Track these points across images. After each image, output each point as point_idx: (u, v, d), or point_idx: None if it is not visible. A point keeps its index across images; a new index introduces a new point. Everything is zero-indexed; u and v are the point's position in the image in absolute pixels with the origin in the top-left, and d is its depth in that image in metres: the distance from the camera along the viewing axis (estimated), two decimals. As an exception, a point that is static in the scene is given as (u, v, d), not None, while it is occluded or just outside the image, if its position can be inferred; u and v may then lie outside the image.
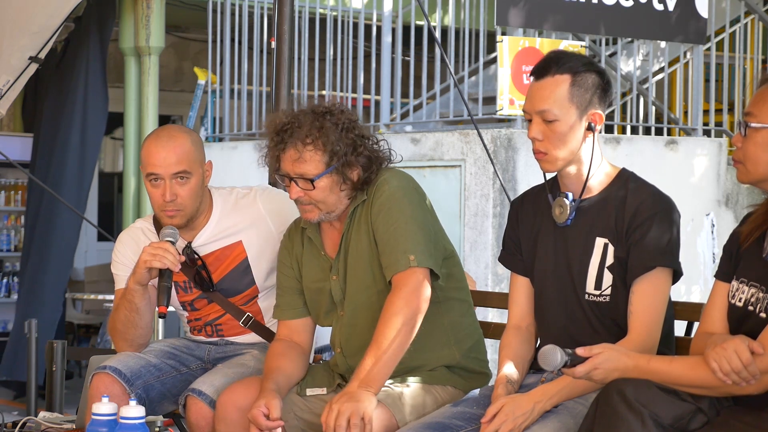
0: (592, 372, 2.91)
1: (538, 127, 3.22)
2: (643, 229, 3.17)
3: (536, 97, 3.22)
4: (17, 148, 9.78)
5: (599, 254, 3.24)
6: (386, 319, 3.38)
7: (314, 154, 3.49)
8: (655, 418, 2.81)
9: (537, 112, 3.22)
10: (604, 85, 3.25)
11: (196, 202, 3.90)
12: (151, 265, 3.72)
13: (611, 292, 3.23)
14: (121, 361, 3.86)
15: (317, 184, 3.50)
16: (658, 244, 3.16)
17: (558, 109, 3.20)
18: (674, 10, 7.28)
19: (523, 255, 3.43)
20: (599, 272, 3.24)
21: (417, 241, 3.45)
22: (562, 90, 3.20)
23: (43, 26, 6.07)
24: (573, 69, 3.21)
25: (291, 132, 3.51)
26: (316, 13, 8.50)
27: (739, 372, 2.79)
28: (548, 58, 3.25)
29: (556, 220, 3.31)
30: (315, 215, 3.56)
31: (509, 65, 6.75)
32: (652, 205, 3.20)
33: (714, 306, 3.06)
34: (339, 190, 3.54)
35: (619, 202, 3.23)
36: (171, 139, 3.86)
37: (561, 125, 3.20)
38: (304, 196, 3.53)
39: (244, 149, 8.49)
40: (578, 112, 3.21)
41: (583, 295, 3.26)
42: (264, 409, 3.41)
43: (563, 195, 3.29)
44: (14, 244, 10.56)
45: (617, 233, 3.22)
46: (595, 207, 3.27)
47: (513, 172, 6.82)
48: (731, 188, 7.78)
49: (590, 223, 3.27)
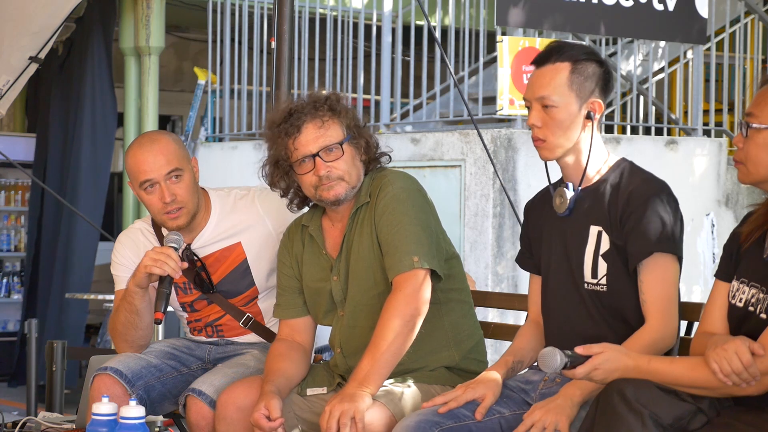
0: (593, 373, 2.91)
1: (537, 114, 3.24)
2: (638, 214, 3.16)
3: (536, 84, 3.24)
4: (17, 148, 9.79)
5: (593, 242, 3.25)
6: (385, 320, 3.38)
7: (333, 122, 3.55)
8: (655, 418, 2.81)
9: (536, 98, 3.23)
10: (604, 75, 3.27)
11: (195, 198, 3.89)
12: (151, 270, 3.71)
13: (607, 281, 3.23)
14: (122, 362, 3.86)
15: (345, 149, 3.54)
16: (655, 229, 3.16)
17: (557, 96, 3.21)
18: (674, 10, 7.28)
19: (533, 253, 3.46)
20: (594, 260, 3.24)
21: (421, 243, 3.46)
22: (561, 77, 3.21)
23: (44, 26, 6.06)
24: (573, 57, 3.23)
25: (303, 112, 3.55)
26: (316, 13, 8.50)
27: (740, 373, 2.79)
28: (550, 47, 3.28)
29: (557, 211, 3.33)
30: (342, 189, 3.55)
31: (509, 65, 6.75)
32: (646, 189, 3.20)
33: (714, 305, 3.06)
34: (359, 161, 3.59)
35: (613, 189, 3.24)
36: (154, 142, 3.86)
37: (560, 112, 3.21)
38: (333, 170, 3.53)
39: (244, 149, 8.49)
40: (578, 100, 3.22)
41: (582, 284, 3.27)
42: (264, 411, 3.41)
43: (564, 185, 3.31)
44: (14, 244, 10.56)
45: (611, 220, 3.21)
46: (591, 195, 3.28)
47: (513, 172, 6.82)
48: (731, 188, 7.78)
49: (586, 211, 3.28)
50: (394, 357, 3.37)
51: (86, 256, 9.14)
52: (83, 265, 9.12)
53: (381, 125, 7.96)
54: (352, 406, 3.26)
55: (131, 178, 3.87)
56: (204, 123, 9.10)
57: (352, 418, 3.25)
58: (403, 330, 3.37)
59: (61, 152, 9.32)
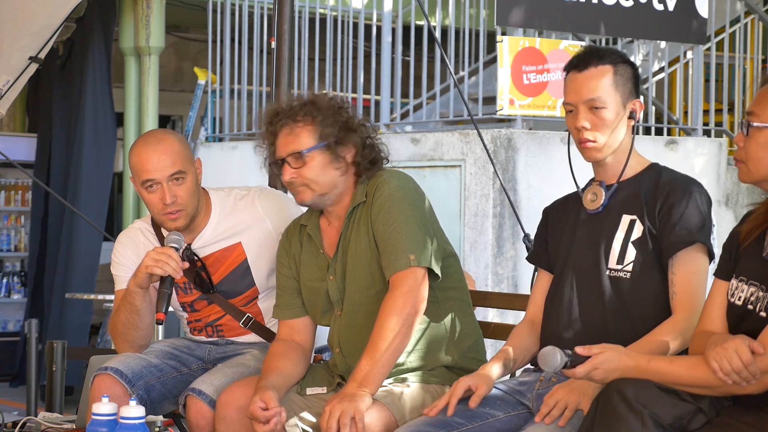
0: (592, 372, 2.91)
1: (586, 116, 3.31)
2: (680, 206, 3.24)
3: (583, 87, 3.32)
4: (18, 148, 9.79)
5: (624, 230, 3.30)
6: (383, 319, 3.39)
7: (304, 128, 3.55)
8: (655, 418, 2.81)
9: (585, 101, 3.31)
10: (636, 77, 3.39)
11: (195, 200, 3.89)
12: (152, 271, 3.71)
13: (633, 268, 3.27)
14: (123, 362, 3.86)
15: (308, 159, 3.53)
16: (695, 222, 3.24)
17: (606, 97, 3.31)
18: (674, 10, 7.27)
19: (549, 250, 3.49)
20: (623, 247, 3.29)
21: (417, 241, 3.46)
22: (607, 79, 3.32)
23: (44, 26, 6.06)
24: (613, 60, 3.34)
25: (283, 115, 3.58)
26: (316, 13, 8.50)
27: (740, 372, 2.79)
28: (587, 52, 3.37)
29: (588, 207, 3.38)
30: (307, 196, 3.57)
31: (509, 65, 6.75)
32: (686, 183, 3.29)
33: (713, 304, 3.06)
34: (333, 168, 3.55)
35: (650, 182, 3.32)
36: (160, 142, 3.85)
37: (608, 113, 3.31)
38: (297, 177, 3.54)
39: (244, 149, 8.49)
40: (622, 101, 3.33)
41: (604, 270, 3.30)
42: (261, 403, 3.40)
43: (598, 182, 3.38)
44: (14, 244, 10.56)
45: (647, 210, 3.28)
46: (625, 190, 3.35)
47: (513, 172, 6.82)
48: (731, 188, 7.78)
49: (618, 203, 3.34)
50: (392, 356, 3.38)
51: (90, 256, 9.13)
52: (87, 266, 9.12)
53: (381, 125, 7.96)
54: (352, 405, 3.26)
55: (134, 175, 3.87)
56: (204, 123, 9.10)
57: (352, 418, 3.26)
58: (401, 328, 3.37)
59: (64, 153, 9.34)
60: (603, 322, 3.26)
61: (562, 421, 3.09)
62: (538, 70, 6.82)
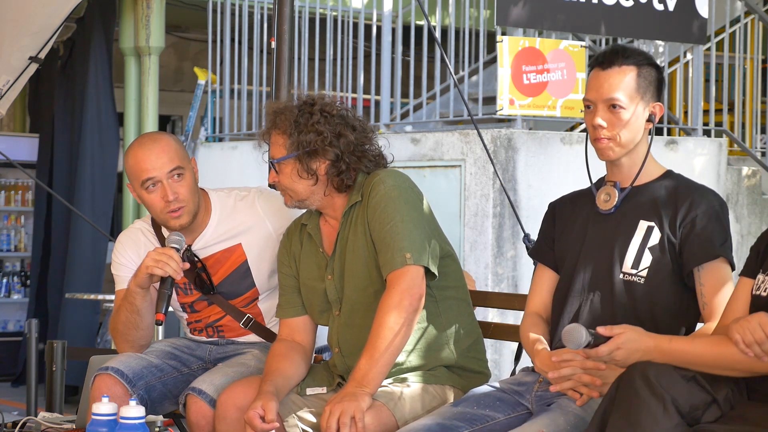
0: (615, 352, 2.91)
1: (604, 114, 3.31)
2: (704, 219, 3.24)
3: (604, 85, 3.31)
4: (18, 148, 9.79)
5: (642, 235, 3.30)
6: (381, 318, 3.39)
7: (279, 138, 3.62)
8: (675, 404, 2.80)
9: (604, 99, 3.30)
10: (660, 81, 3.37)
11: (196, 198, 3.90)
12: (152, 271, 3.72)
13: (647, 274, 3.27)
14: (123, 362, 3.86)
15: (279, 168, 3.60)
16: (720, 236, 3.24)
17: (626, 98, 3.29)
18: (674, 10, 7.27)
19: (555, 249, 3.48)
20: (639, 252, 3.29)
21: (413, 240, 3.46)
22: (629, 79, 3.30)
23: (44, 26, 6.06)
24: (637, 61, 3.32)
25: (272, 118, 3.66)
26: (316, 13, 8.50)
27: (762, 344, 2.77)
28: (613, 50, 3.35)
29: (601, 207, 3.37)
30: (288, 201, 3.68)
31: (509, 65, 6.74)
32: (709, 197, 3.29)
33: (738, 300, 3.06)
34: (304, 179, 3.59)
35: (668, 191, 3.31)
36: (155, 141, 3.87)
37: (626, 113, 3.30)
38: (277, 182, 3.65)
39: (244, 149, 8.49)
40: (642, 103, 3.32)
41: (618, 273, 3.30)
42: (260, 411, 3.41)
43: (611, 183, 3.37)
44: (14, 244, 10.56)
45: (667, 218, 3.27)
46: (641, 194, 3.34)
47: (513, 172, 6.82)
48: (731, 188, 7.78)
49: (634, 207, 3.33)
50: (392, 355, 3.38)
51: (96, 256, 9.12)
52: (94, 265, 9.10)
53: (381, 125, 7.96)
54: (352, 405, 3.27)
55: (131, 179, 3.86)
56: (204, 123, 9.10)
57: (352, 418, 3.26)
58: (399, 326, 3.37)
59: (67, 153, 9.34)
60: (611, 322, 3.25)
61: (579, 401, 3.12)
62: (538, 70, 6.81)
